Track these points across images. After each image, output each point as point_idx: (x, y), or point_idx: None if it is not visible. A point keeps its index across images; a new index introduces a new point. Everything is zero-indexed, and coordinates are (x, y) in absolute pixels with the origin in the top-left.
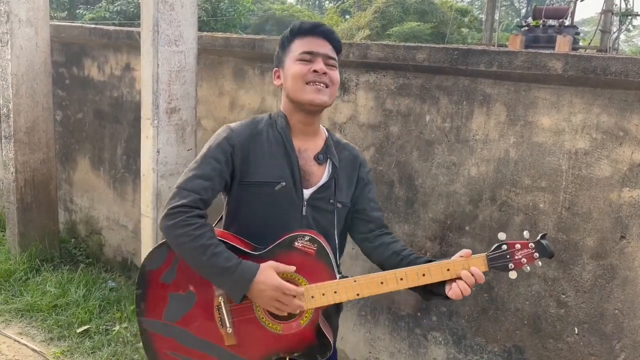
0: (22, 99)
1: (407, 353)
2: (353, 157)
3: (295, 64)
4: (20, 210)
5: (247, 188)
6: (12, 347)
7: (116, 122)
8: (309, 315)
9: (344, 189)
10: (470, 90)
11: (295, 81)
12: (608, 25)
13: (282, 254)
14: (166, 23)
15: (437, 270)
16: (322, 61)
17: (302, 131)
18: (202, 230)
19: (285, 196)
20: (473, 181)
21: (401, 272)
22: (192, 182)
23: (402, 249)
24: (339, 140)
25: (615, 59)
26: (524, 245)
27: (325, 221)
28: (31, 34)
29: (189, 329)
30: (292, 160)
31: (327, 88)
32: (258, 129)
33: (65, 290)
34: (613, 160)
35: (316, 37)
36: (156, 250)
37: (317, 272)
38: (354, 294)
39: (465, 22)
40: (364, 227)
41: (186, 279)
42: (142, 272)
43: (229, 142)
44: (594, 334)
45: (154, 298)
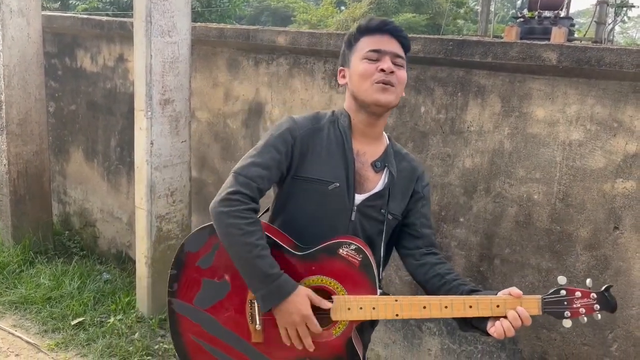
0: (14, 90)
1: (402, 344)
2: (412, 168)
3: (361, 62)
4: (14, 202)
5: (300, 183)
6: (6, 339)
7: (110, 114)
8: (343, 327)
9: (398, 201)
10: (465, 81)
11: (361, 80)
12: (603, 17)
13: (326, 259)
14: (159, 13)
15: (485, 305)
16: (390, 59)
17: (363, 133)
18: (254, 228)
19: (336, 198)
20: (467, 172)
21: (447, 299)
22: (250, 169)
23: (446, 272)
24: (400, 149)
25: (609, 50)
26: (585, 295)
27: (373, 230)
28: (23, 25)
29: (218, 318)
30: (349, 162)
31: (393, 87)
32: (320, 125)
33: (60, 282)
34: (607, 152)
35: (384, 35)
36: (197, 233)
37: (358, 283)
38: (393, 313)
39: (460, 13)
40: (410, 243)
41: (223, 267)
42: (180, 252)
43: (291, 133)
44: (587, 324)
45: (188, 281)
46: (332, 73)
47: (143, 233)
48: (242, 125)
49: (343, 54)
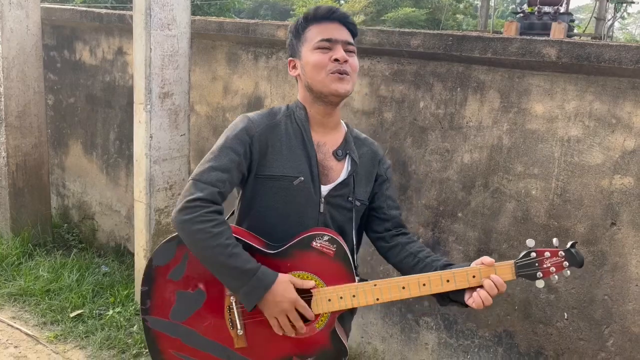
0: (13, 82)
1: (399, 338)
2: (373, 152)
3: (314, 53)
4: (12, 194)
5: (264, 182)
6: (6, 331)
7: (108, 107)
8: (325, 319)
9: (363, 186)
10: (464, 76)
11: (316, 71)
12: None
13: (300, 254)
14: (159, 6)
15: (462, 277)
16: (342, 48)
17: (321, 124)
18: (221, 228)
19: (302, 192)
20: (466, 168)
21: (424, 277)
22: (208, 174)
23: (418, 250)
24: (358, 134)
25: (609, 46)
26: (553, 253)
27: (342, 219)
28: (22, 17)
29: (197, 329)
30: (311, 154)
31: (348, 76)
32: (276, 120)
33: (59, 274)
34: (605, 148)
35: (332, 23)
36: (165, 245)
37: (335, 274)
38: (373, 298)
39: (460, 8)
40: (379, 226)
41: (196, 277)
42: (149, 268)
43: (248, 132)
44: (584, 319)
45: (161, 296)
46: None
47: (142, 226)
48: None
49: (291, 45)
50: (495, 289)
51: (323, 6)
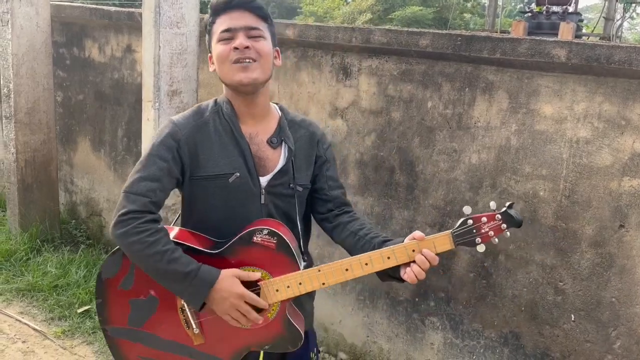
0: (22, 79)
1: (405, 337)
2: (310, 134)
3: (217, 45)
4: (21, 190)
5: (200, 183)
6: (14, 327)
7: (117, 104)
8: (276, 308)
9: (303, 170)
10: (472, 77)
11: (221, 64)
12: (612, 13)
13: (243, 250)
14: (168, 4)
15: (402, 253)
16: (244, 34)
17: (249, 115)
18: (157, 237)
19: (241, 187)
20: (474, 168)
21: (365, 257)
22: (138, 184)
23: (359, 228)
24: (293, 117)
25: (619, 47)
26: (490, 218)
27: (287, 207)
28: (32, 14)
29: (156, 332)
30: (244, 148)
31: (255, 62)
32: (204, 119)
33: (66, 270)
34: (614, 149)
35: (234, 11)
36: (111, 257)
37: (280, 265)
38: (319, 283)
39: (467, 7)
40: (322, 207)
41: (145, 284)
42: (100, 281)
43: (173, 137)
44: (591, 321)
45: (115, 306)
46: (339, 66)
47: None
48: None
49: (207, 41)
50: (427, 263)
51: None
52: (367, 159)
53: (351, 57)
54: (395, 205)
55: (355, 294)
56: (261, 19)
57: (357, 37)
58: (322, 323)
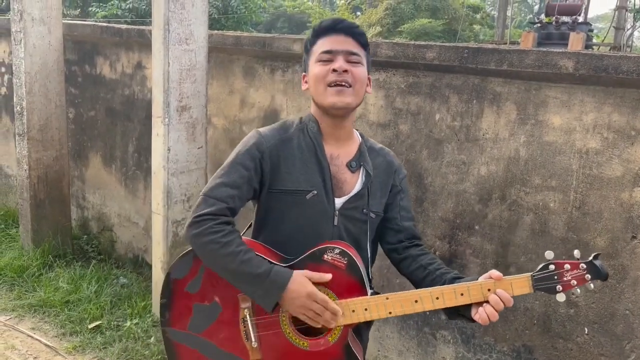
0: (35, 97)
1: (416, 352)
2: (388, 163)
3: (315, 65)
4: (34, 206)
5: (277, 196)
6: (25, 342)
7: (127, 120)
8: (338, 333)
9: (378, 198)
10: (480, 89)
11: (316, 84)
12: (622, 22)
13: (312, 267)
14: (177, 22)
15: (477, 291)
16: (343, 58)
17: (333, 136)
18: (231, 237)
19: (316, 205)
20: (483, 180)
21: (437, 290)
22: (218, 189)
23: (429, 263)
24: (373, 145)
25: (627, 57)
26: (573, 266)
27: (357, 231)
28: (44, 33)
29: (214, 341)
30: (324, 167)
31: (349, 88)
32: (289, 134)
33: (78, 286)
34: (624, 160)
35: (337, 35)
36: (182, 259)
37: (347, 287)
38: (386, 312)
39: (477, 18)
40: (392, 237)
41: (211, 290)
42: (167, 281)
43: (258, 148)
44: (604, 334)
45: (179, 308)
46: None
47: (159, 238)
48: None
49: (304, 60)
50: (501, 304)
51: (328, 19)
52: None
53: None
54: None
55: None
56: (361, 45)
57: None
58: None
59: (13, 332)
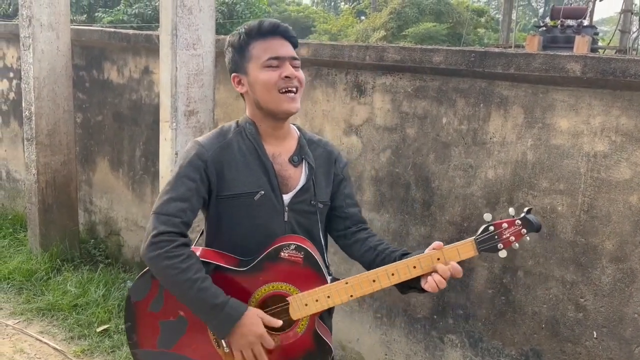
0: (43, 102)
1: (423, 355)
2: (328, 153)
3: (262, 71)
4: (42, 211)
5: (226, 201)
6: (34, 346)
7: (135, 125)
8: (305, 323)
9: (323, 187)
10: (487, 92)
11: (266, 90)
12: (628, 25)
13: (270, 267)
14: (184, 27)
15: (428, 262)
16: (290, 64)
17: (273, 136)
18: (189, 263)
19: (265, 204)
20: (490, 183)
21: (392, 267)
22: (168, 205)
23: (377, 244)
24: (311, 137)
25: (634, 60)
26: (510, 223)
27: (309, 223)
28: (53, 38)
29: (186, 353)
30: (268, 167)
31: (297, 92)
32: (228, 140)
33: (86, 289)
34: (633, 163)
35: (277, 38)
36: (140, 280)
37: (307, 279)
38: (347, 296)
39: (481, 22)
40: (340, 224)
41: (175, 305)
42: (129, 304)
43: (200, 158)
44: (613, 338)
45: (145, 328)
46: (353, 84)
47: None
48: None
49: (233, 60)
50: (448, 272)
51: (266, 21)
52: (383, 176)
53: (365, 75)
54: (412, 222)
55: (373, 311)
56: (295, 48)
57: (370, 55)
58: (340, 341)
59: (22, 335)
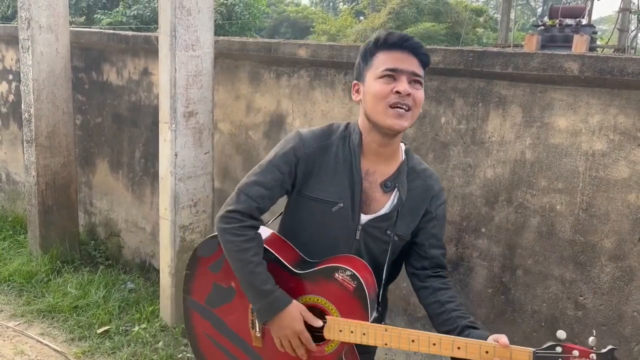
0: (43, 104)
1: (424, 355)
2: (426, 187)
3: (376, 82)
4: (42, 212)
5: (305, 201)
6: (35, 348)
7: (134, 126)
8: (335, 346)
9: (407, 221)
10: (485, 92)
11: (375, 102)
12: (626, 24)
13: (322, 282)
14: (183, 28)
15: (474, 350)
16: (407, 80)
17: (375, 152)
18: (250, 245)
19: (340, 217)
20: (489, 183)
21: (436, 337)
22: (252, 187)
23: (447, 301)
24: (415, 165)
25: (632, 59)
26: (583, 354)
27: (378, 250)
28: (51, 40)
29: (225, 319)
30: (356, 181)
31: (409, 111)
32: (329, 141)
33: (86, 291)
34: (631, 162)
35: (403, 52)
36: (211, 239)
37: (351, 308)
38: (382, 342)
39: (480, 22)
40: (417, 262)
41: (230, 274)
42: (194, 255)
43: (296, 153)
44: (613, 336)
45: (200, 282)
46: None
47: (167, 243)
48: (263, 136)
49: (358, 67)
50: None
51: (396, 33)
52: None
53: None
54: None
55: None
56: (424, 67)
57: None
58: None
59: (22, 337)
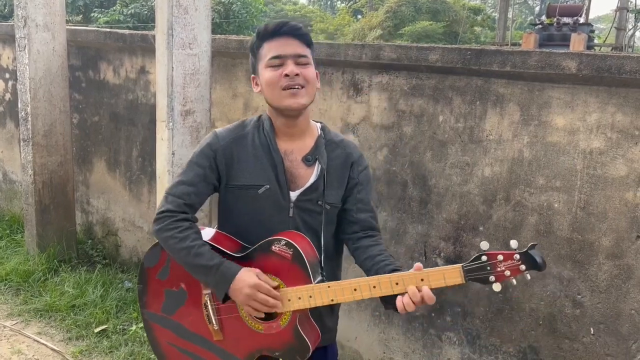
0: (39, 102)
1: (422, 353)
2: (346, 155)
3: (266, 70)
4: (39, 211)
5: (233, 191)
6: (32, 347)
7: (131, 125)
8: (288, 317)
9: (335, 189)
10: (483, 90)
11: (270, 89)
12: (623, 23)
13: (262, 257)
14: (180, 26)
15: (410, 280)
16: (293, 62)
17: (287, 133)
18: (187, 233)
19: (270, 199)
20: (487, 181)
21: (374, 279)
22: (176, 187)
23: (377, 254)
24: (333, 137)
25: (630, 57)
26: (507, 256)
27: (314, 222)
28: (48, 39)
29: (183, 323)
30: (277, 162)
31: (302, 89)
32: (244, 132)
33: (83, 290)
34: (629, 160)
35: (283, 37)
36: (152, 249)
37: (294, 276)
38: (328, 299)
39: (478, 20)
40: (348, 228)
41: (178, 277)
42: (142, 269)
43: (211, 147)
44: (610, 334)
45: (153, 292)
46: (350, 83)
47: None
48: None
49: (251, 62)
50: (419, 297)
51: (273, 22)
52: (380, 174)
53: (361, 74)
54: (409, 220)
55: (371, 310)
56: (307, 45)
57: (367, 54)
58: (338, 340)
59: (19, 336)
